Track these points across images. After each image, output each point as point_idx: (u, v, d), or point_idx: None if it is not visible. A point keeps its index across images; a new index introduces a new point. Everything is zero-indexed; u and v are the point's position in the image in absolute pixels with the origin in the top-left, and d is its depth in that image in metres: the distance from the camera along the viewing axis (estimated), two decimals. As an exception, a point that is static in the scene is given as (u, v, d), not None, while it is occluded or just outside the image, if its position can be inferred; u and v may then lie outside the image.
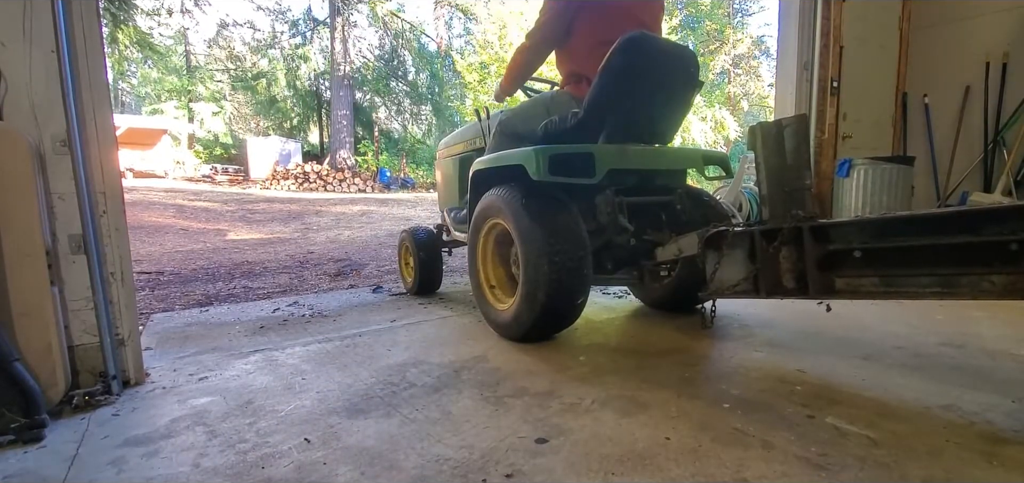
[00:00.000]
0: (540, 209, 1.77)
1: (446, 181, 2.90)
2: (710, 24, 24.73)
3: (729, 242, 1.50)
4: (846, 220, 1.28)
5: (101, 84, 1.50)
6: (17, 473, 1.09)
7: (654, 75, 1.87)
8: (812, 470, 0.98)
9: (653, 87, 1.90)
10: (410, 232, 2.84)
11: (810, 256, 1.27)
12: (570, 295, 1.76)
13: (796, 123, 1.27)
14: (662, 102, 1.99)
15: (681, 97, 2.04)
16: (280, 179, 15.40)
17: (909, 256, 1.14)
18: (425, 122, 22.33)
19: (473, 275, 2.14)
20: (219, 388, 1.55)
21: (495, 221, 1.98)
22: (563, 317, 1.84)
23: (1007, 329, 1.86)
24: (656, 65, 1.86)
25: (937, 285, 1.10)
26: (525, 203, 1.78)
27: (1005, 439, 1.07)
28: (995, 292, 1.01)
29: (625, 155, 1.88)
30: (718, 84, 24.41)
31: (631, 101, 1.87)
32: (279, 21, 22.24)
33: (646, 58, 1.81)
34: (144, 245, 6.40)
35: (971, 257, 1.05)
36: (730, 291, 1.50)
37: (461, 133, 2.79)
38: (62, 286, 1.44)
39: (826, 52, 3.80)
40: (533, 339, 1.88)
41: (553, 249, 1.69)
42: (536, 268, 1.72)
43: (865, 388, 1.37)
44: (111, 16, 13.65)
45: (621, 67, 1.78)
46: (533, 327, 1.81)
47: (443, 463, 1.06)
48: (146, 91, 24.04)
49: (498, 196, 1.91)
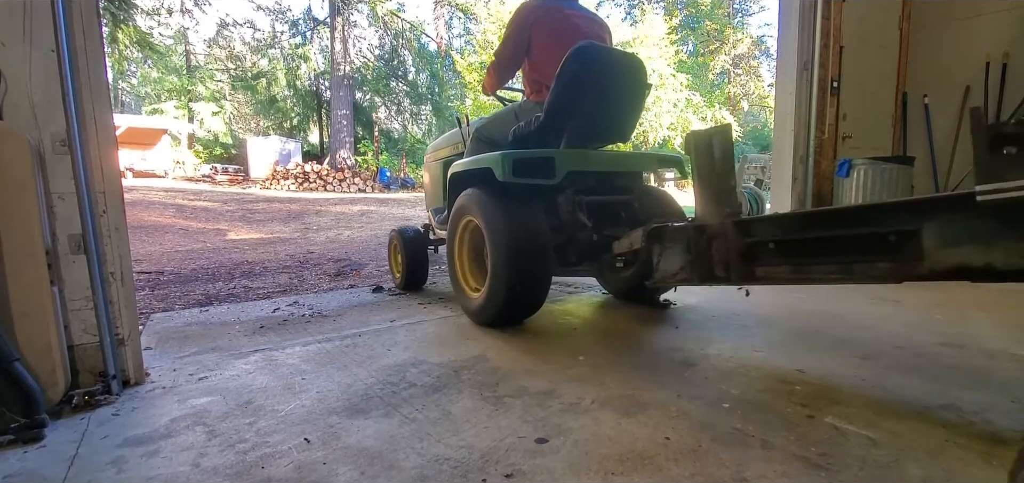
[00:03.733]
0: (505, 207, 1.95)
1: (433, 183, 3.10)
2: (710, 24, 24.75)
3: (669, 236, 1.64)
4: (762, 216, 1.42)
5: (101, 84, 1.50)
6: (17, 473, 1.09)
7: (604, 80, 2.08)
8: (812, 470, 0.98)
9: (605, 90, 2.11)
10: (399, 231, 3.03)
11: (734, 248, 1.42)
12: (532, 283, 1.96)
13: (722, 133, 1.43)
14: (615, 103, 2.20)
15: (632, 99, 2.27)
16: (280, 179, 15.40)
17: (814, 247, 1.28)
18: (425, 122, 22.34)
19: (450, 267, 2.37)
20: (219, 388, 1.55)
21: (469, 218, 2.17)
22: (526, 303, 2.03)
23: (1007, 329, 1.86)
24: (605, 70, 2.08)
25: (838, 272, 1.23)
26: (493, 202, 1.97)
27: (1005, 439, 1.07)
28: (881, 277, 1.16)
29: (583, 158, 2.07)
30: (718, 84, 24.43)
31: (586, 104, 2.07)
32: (279, 21, 22.27)
33: (596, 64, 2.03)
34: (144, 245, 6.40)
35: (864, 247, 1.18)
36: (672, 279, 1.63)
37: (446, 138, 2.98)
38: (62, 286, 1.44)
39: (826, 52, 3.79)
40: (500, 324, 2.06)
41: (516, 242, 1.89)
42: (501, 260, 1.91)
43: (865, 388, 1.37)
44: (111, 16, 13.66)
45: (573, 73, 1.99)
46: (499, 312, 2.00)
47: (443, 463, 1.06)
48: (146, 91, 24.04)
49: (470, 196, 2.11)
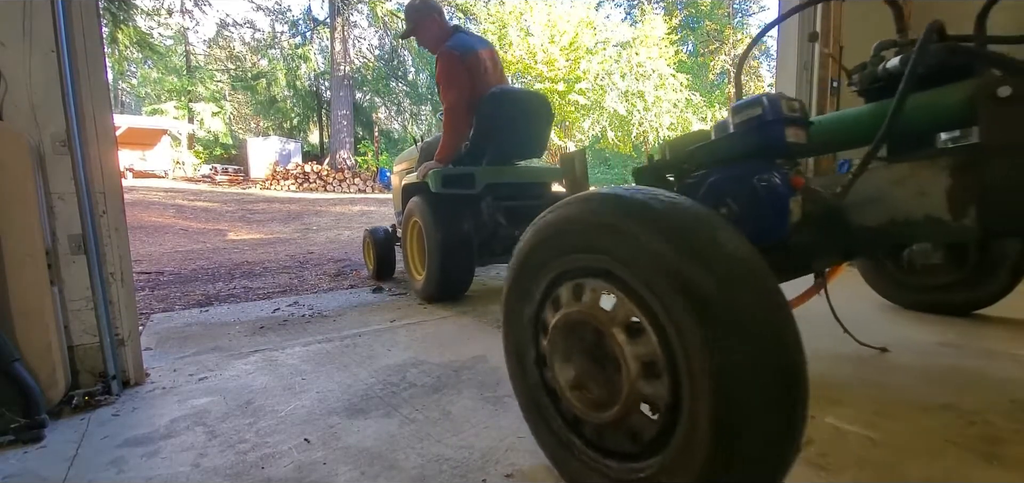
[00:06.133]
0: (437, 212, 2.55)
1: (395, 192, 3.71)
2: (710, 24, 24.75)
3: None
4: None
5: (101, 84, 1.50)
6: (17, 473, 1.09)
7: (513, 113, 2.77)
8: (812, 470, 0.98)
9: (515, 121, 2.78)
10: (371, 232, 3.63)
11: None
12: (457, 268, 2.58)
13: (580, 155, 1.76)
14: (525, 129, 2.87)
15: (537, 126, 2.94)
16: (280, 179, 15.40)
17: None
18: (425, 122, 22.33)
19: (404, 257, 3.07)
20: (219, 388, 1.55)
21: (415, 219, 2.81)
22: (454, 283, 2.64)
23: (1007, 329, 1.86)
24: (515, 106, 2.78)
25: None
26: (429, 208, 2.59)
27: (1005, 439, 1.07)
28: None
29: (499, 173, 2.73)
30: (718, 84, 24.42)
31: (500, 134, 2.74)
32: (279, 21, 22.27)
33: (508, 104, 2.75)
34: (144, 245, 6.40)
35: None
36: None
37: (406, 154, 3.63)
38: (62, 286, 1.44)
39: (826, 52, 3.79)
40: (437, 299, 2.67)
41: (444, 238, 2.50)
42: (434, 250, 2.53)
43: (865, 388, 1.37)
44: (111, 16, 13.67)
45: (489, 113, 2.67)
46: (436, 290, 2.61)
47: (443, 463, 1.06)
48: (146, 91, 24.02)
49: (415, 202, 2.76)
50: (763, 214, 1.10)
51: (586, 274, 0.84)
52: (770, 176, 1.10)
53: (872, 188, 1.20)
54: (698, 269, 0.68)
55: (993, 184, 1.03)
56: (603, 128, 17.63)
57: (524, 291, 0.98)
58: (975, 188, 1.05)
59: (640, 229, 0.73)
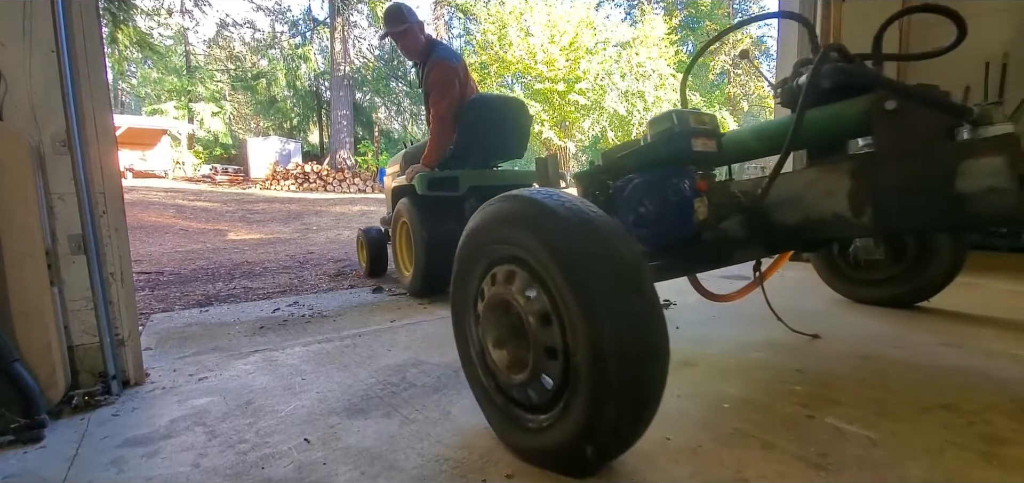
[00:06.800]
0: (422, 212, 2.76)
1: (387, 193, 3.87)
2: (710, 24, 24.74)
3: None
4: None
5: (101, 84, 1.50)
6: (17, 473, 1.09)
7: (494, 119, 2.95)
8: (812, 470, 0.98)
9: (496, 126, 2.96)
10: (364, 231, 3.82)
11: None
12: (441, 265, 2.65)
13: (553, 159, 1.78)
14: (506, 133, 3.06)
15: (517, 130, 3.12)
16: (280, 179, 15.40)
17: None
18: (425, 122, 22.34)
19: (392, 255, 3.27)
20: (219, 388, 1.55)
21: (403, 220, 3.00)
22: (438, 280, 2.76)
23: (1007, 329, 1.86)
24: (495, 112, 2.97)
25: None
26: (415, 208, 2.78)
27: (1005, 439, 1.07)
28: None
29: (482, 176, 2.87)
30: (718, 84, 24.44)
31: (483, 138, 2.93)
32: (279, 21, 22.28)
33: (489, 110, 2.93)
34: (144, 245, 6.40)
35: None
36: None
37: (396, 157, 3.76)
38: (62, 286, 1.44)
39: (826, 52, 3.79)
40: (424, 294, 2.83)
41: (429, 237, 2.70)
42: (420, 249, 2.74)
43: (865, 388, 1.37)
44: (111, 16, 13.67)
45: (471, 121, 2.86)
46: (421, 286, 2.79)
47: (443, 463, 1.06)
48: (146, 91, 24.02)
49: (403, 204, 2.95)
50: (670, 214, 1.28)
51: (505, 261, 1.01)
52: (678, 181, 1.27)
53: (789, 190, 1.37)
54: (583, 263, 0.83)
55: (883, 186, 1.18)
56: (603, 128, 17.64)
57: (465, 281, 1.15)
58: (870, 189, 1.20)
59: (543, 226, 0.89)
